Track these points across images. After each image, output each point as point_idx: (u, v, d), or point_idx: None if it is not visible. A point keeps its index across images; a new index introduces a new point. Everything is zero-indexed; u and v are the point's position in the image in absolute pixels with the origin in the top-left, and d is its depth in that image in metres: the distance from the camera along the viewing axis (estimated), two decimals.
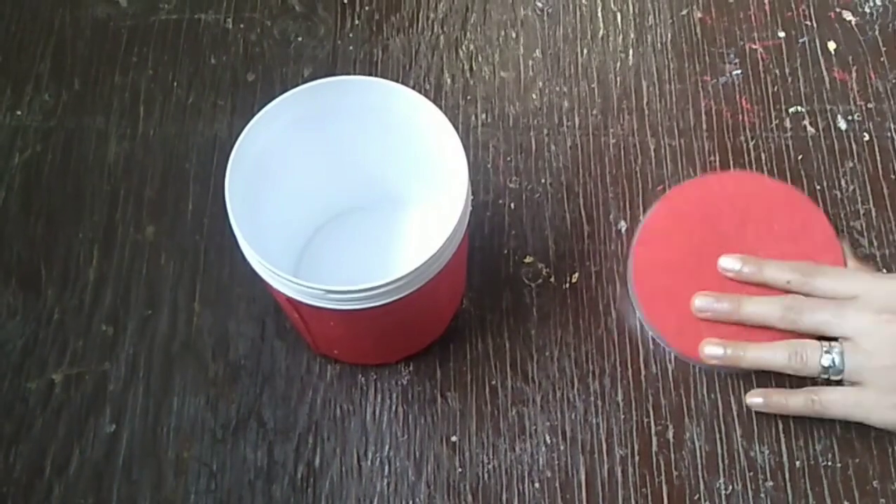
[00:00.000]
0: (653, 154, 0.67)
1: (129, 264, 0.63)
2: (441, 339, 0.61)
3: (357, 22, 0.72)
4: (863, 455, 0.57)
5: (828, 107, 0.68)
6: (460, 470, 0.57)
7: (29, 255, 0.63)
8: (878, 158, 0.66)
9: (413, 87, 0.51)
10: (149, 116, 0.68)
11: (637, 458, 0.58)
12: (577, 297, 0.62)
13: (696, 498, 0.57)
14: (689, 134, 0.68)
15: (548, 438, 0.58)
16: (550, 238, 0.64)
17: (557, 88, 0.69)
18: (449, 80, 0.70)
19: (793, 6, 0.72)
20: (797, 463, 0.57)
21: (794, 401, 0.56)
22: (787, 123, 0.68)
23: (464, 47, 0.71)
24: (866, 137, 0.67)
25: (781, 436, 0.58)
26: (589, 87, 0.70)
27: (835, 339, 0.56)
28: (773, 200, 0.62)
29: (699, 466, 0.57)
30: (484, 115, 0.68)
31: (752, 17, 0.72)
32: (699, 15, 0.72)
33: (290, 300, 0.49)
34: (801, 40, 0.71)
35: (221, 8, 0.72)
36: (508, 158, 0.67)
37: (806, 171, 0.66)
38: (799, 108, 0.69)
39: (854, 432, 0.58)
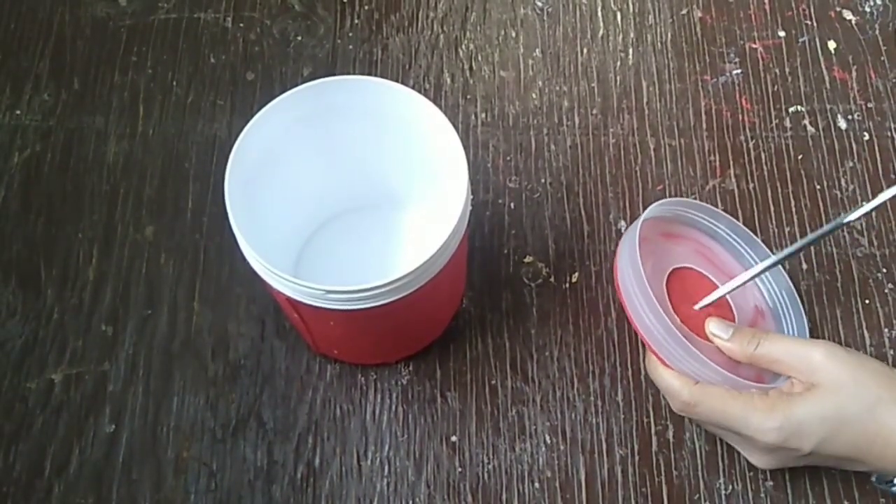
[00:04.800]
0: (653, 154, 0.67)
1: (128, 264, 0.63)
2: (441, 338, 0.61)
3: (357, 21, 0.72)
4: None
5: (828, 106, 0.68)
6: (460, 470, 0.57)
7: (28, 254, 0.63)
8: (879, 158, 0.66)
9: (413, 87, 0.51)
10: (148, 116, 0.68)
11: (637, 457, 0.58)
12: (577, 296, 0.62)
13: (696, 498, 0.57)
14: (689, 133, 0.68)
15: (548, 438, 0.58)
16: (550, 238, 0.64)
17: (557, 88, 0.69)
18: (449, 80, 0.70)
19: (793, 5, 0.72)
20: None
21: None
22: (787, 123, 0.68)
23: (463, 46, 0.71)
24: (866, 137, 0.67)
25: None
26: (589, 86, 0.70)
27: None
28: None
29: (699, 466, 0.57)
30: (484, 115, 0.68)
31: (753, 17, 0.72)
32: (699, 14, 0.72)
33: (289, 300, 0.49)
34: (801, 39, 0.71)
35: (221, 7, 0.72)
36: (508, 158, 0.67)
37: (806, 171, 0.66)
38: (799, 107, 0.69)
39: None
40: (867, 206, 0.50)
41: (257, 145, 0.50)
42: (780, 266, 0.58)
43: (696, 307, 0.56)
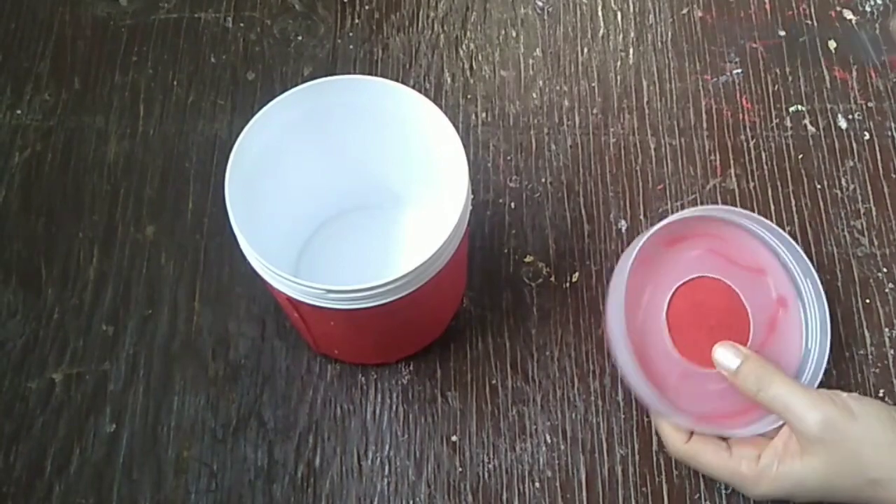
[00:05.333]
0: (653, 153, 0.67)
1: (129, 263, 0.63)
2: (441, 338, 0.61)
3: (357, 21, 0.72)
4: None
5: (828, 106, 0.68)
6: (460, 470, 0.57)
7: (29, 254, 0.63)
8: (879, 157, 0.66)
9: (413, 87, 0.51)
10: (149, 115, 0.68)
11: (637, 457, 0.58)
12: (578, 296, 0.62)
13: (696, 497, 0.57)
14: (690, 133, 0.67)
15: (548, 438, 0.58)
16: (551, 237, 0.64)
17: (558, 87, 0.69)
18: (449, 79, 0.70)
19: (793, 5, 0.72)
20: None
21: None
22: (788, 122, 0.68)
23: (464, 46, 0.71)
24: (867, 136, 0.67)
25: None
26: (589, 85, 0.69)
27: None
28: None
29: None
30: (484, 114, 0.68)
31: (753, 16, 0.72)
32: (700, 14, 0.72)
33: (289, 300, 0.49)
34: (801, 39, 0.71)
35: (221, 7, 0.72)
36: (509, 157, 0.67)
37: (806, 171, 0.66)
38: (799, 106, 0.69)
39: None
40: None
41: (257, 145, 0.50)
42: (805, 256, 0.56)
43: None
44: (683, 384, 0.54)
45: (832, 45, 0.71)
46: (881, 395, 0.59)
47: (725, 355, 0.52)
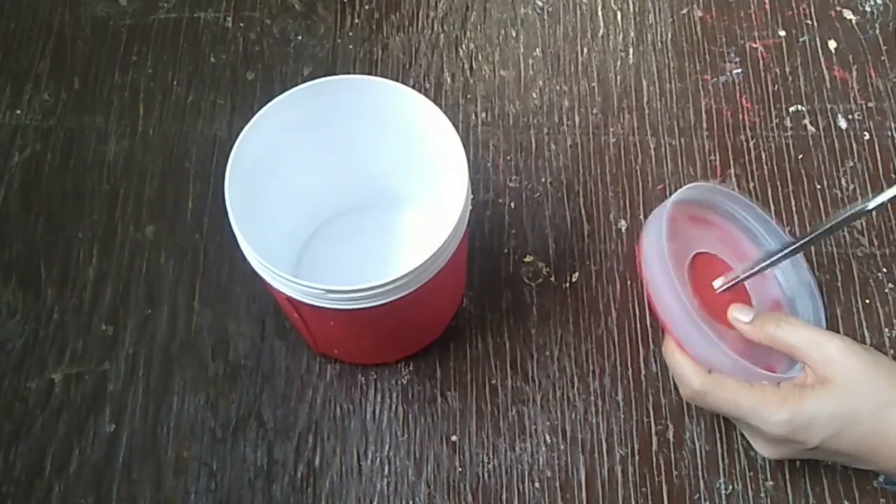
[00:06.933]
0: (653, 153, 0.67)
1: (128, 263, 0.63)
2: (441, 338, 0.61)
3: (357, 20, 0.72)
4: None
5: (828, 106, 0.68)
6: (460, 469, 0.57)
7: (29, 254, 0.63)
8: (879, 157, 0.66)
9: (413, 86, 0.51)
10: (148, 115, 0.68)
11: (637, 457, 0.58)
12: (578, 296, 0.62)
13: (696, 497, 0.57)
14: (690, 133, 0.67)
15: (548, 438, 0.58)
16: (550, 237, 0.64)
17: (557, 87, 0.69)
18: (449, 79, 0.70)
19: (793, 5, 0.72)
20: (797, 462, 0.57)
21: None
22: (788, 122, 0.68)
23: (464, 46, 0.71)
24: (867, 136, 0.67)
25: None
26: (589, 85, 0.69)
27: None
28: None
29: (699, 466, 0.57)
30: (484, 114, 0.68)
31: (753, 16, 0.72)
32: (699, 14, 0.72)
33: (289, 300, 0.49)
34: (801, 39, 0.71)
35: (221, 6, 0.72)
36: (508, 157, 0.67)
37: (806, 171, 0.66)
38: (799, 106, 0.69)
39: None
40: (890, 192, 0.49)
41: (257, 145, 0.50)
42: (804, 261, 0.58)
43: (716, 284, 0.55)
44: None
45: (832, 45, 0.71)
46: None
47: (741, 310, 0.53)
